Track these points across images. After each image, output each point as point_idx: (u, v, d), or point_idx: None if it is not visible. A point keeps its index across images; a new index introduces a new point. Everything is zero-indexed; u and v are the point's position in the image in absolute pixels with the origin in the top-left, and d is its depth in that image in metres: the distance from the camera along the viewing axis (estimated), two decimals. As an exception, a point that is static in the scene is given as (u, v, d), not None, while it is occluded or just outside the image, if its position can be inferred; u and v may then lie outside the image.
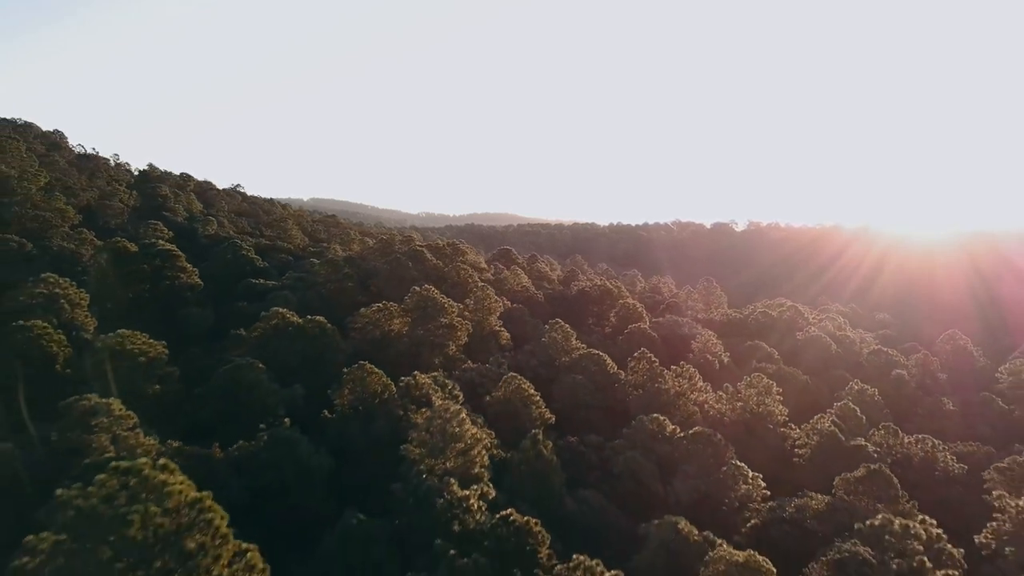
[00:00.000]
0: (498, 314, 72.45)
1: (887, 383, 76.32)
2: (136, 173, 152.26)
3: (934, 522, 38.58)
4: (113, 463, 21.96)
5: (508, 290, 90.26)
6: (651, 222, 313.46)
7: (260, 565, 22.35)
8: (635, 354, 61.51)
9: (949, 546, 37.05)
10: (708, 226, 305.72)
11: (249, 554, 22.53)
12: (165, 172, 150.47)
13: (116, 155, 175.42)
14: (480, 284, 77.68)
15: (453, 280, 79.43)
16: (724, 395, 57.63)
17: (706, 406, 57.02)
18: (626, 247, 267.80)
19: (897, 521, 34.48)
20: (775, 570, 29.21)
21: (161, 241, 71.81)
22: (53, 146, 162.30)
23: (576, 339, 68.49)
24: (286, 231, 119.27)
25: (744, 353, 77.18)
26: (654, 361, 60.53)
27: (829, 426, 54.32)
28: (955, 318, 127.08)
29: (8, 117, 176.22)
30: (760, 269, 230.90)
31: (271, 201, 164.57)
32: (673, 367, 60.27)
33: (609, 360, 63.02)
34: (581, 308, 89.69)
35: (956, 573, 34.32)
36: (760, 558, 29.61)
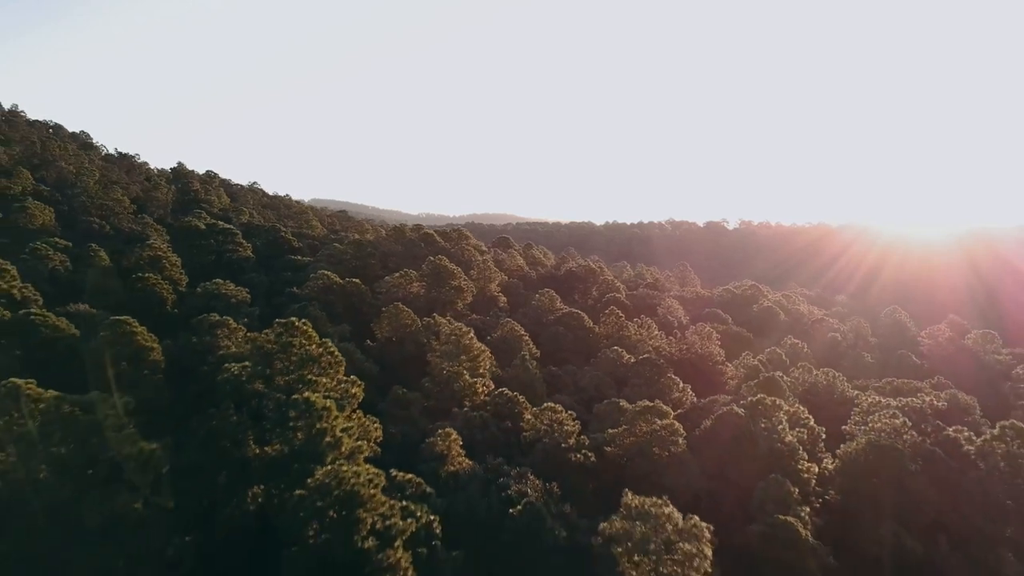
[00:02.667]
0: (497, 282, 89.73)
1: (823, 343, 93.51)
2: (158, 171, 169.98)
3: (804, 409, 55.89)
4: (275, 320, 39.30)
5: (506, 269, 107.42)
6: (646, 221, 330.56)
7: (359, 382, 39.49)
8: (606, 311, 78.70)
9: (813, 423, 54.26)
10: (701, 224, 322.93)
11: (352, 376, 39.78)
12: (191, 170, 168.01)
13: (138, 154, 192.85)
14: (482, 260, 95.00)
15: (459, 259, 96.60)
16: (674, 340, 74.84)
17: (660, 348, 74.10)
18: (620, 244, 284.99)
19: (769, 399, 51.53)
20: (672, 411, 46.33)
21: (221, 222, 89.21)
22: (85, 146, 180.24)
23: (560, 303, 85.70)
24: (308, 221, 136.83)
25: (702, 318, 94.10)
26: (621, 316, 77.78)
27: (754, 362, 71.53)
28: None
29: (41, 119, 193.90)
30: (757, 271, 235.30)
31: (288, 197, 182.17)
32: (635, 319, 77.52)
33: (586, 317, 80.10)
34: (569, 284, 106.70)
35: (805, 431, 51.54)
36: (664, 407, 46.74)
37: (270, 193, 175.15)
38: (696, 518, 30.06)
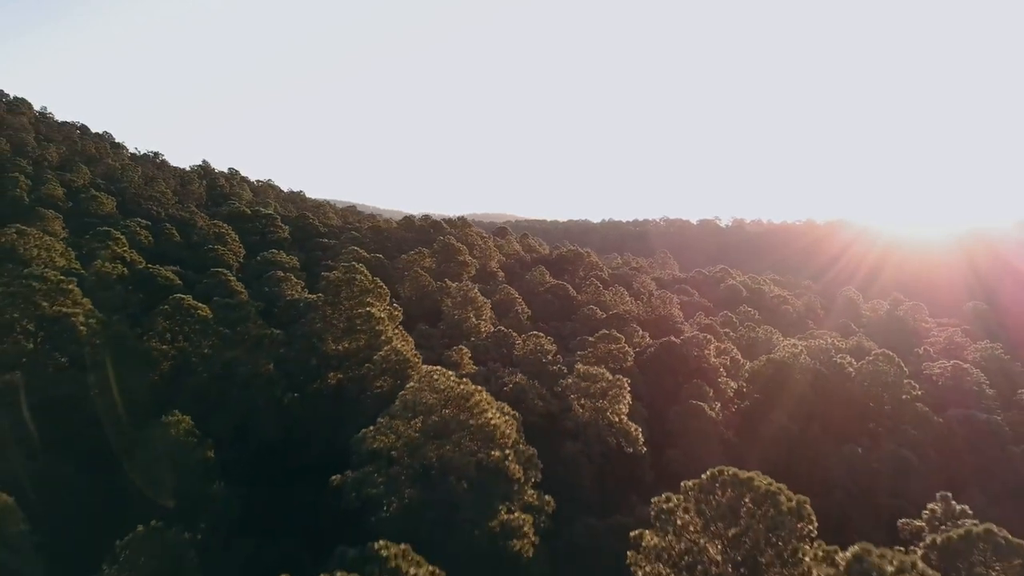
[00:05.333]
0: (496, 260, 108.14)
1: (776, 314, 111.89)
2: (188, 169, 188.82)
3: (734, 347, 74.23)
4: (341, 264, 57.59)
5: (504, 253, 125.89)
6: (641, 219, 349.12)
7: (399, 308, 57.72)
8: (587, 281, 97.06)
9: (738, 356, 72.58)
10: (695, 222, 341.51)
11: (394, 304, 58.05)
12: (215, 168, 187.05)
13: (158, 152, 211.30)
14: (483, 243, 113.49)
15: (463, 242, 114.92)
16: (641, 303, 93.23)
17: (629, 311, 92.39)
18: (616, 241, 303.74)
19: (702, 335, 69.83)
20: (623, 337, 64.56)
21: (261, 209, 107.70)
22: (114, 145, 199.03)
23: (550, 277, 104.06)
24: (325, 213, 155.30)
25: (673, 292, 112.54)
26: (599, 285, 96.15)
27: (707, 321, 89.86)
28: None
29: (70, 120, 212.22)
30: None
31: (302, 193, 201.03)
32: (610, 288, 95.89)
33: (571, 288, 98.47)
34: (559, 266, 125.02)
35: (728, 359, 69.82)
36: (617, 334, 64.92)
37: (290, 190, 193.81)
38: (621, 376, 48.38)
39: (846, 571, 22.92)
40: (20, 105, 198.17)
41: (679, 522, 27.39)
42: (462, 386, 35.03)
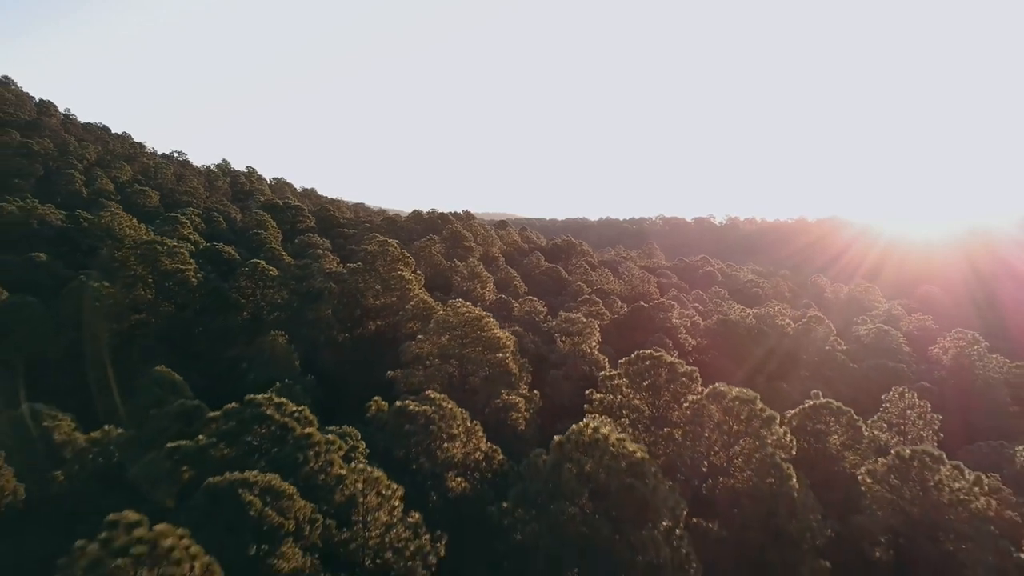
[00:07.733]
0: (497, 247, 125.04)
1: (747, 295, 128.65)
2: (213, 167, 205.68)
3: (696, 313, 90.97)
4: (370, 244, 74.43)
5: (505, 242, 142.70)
6: (638, 217, 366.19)
7: (420, 274, 74.52)
8: (577, 265, 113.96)
9: (698, 320, 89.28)
10: (690, 220, 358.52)
11: (418, 271, 74.83)
12: (235, 168, 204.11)
13: (180, 152, 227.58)
14: (485, 232, 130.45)
15: (468, 231, 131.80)
16: (623, 281, 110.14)
17: (612, 289, 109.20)
18: (612, 239, 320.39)
19: (668, 301, 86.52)
20: (600, 302, 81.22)
21: (290, 201, 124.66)
22: (137, 146, 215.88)
23: (545, 261, 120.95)
24: (339, 207, 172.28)
25: (655, 276, 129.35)
26: (587, 267, 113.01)
27: (679, 296, 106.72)
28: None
29: (91, 121, 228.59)
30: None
31: (314, 190, 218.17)
32: (597, 270, 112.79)
33: (563, 270, 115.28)
34: (554, 254, 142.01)
35: (689, 322, 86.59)
36: (596, 299, 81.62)
37: (304, 187, 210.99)
38: (592, 319, 65.10)
39: (705, 396, 39.70)
40: (48, 108, 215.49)
41: (615, 383, 44.23)
42: (476, 312, 51.78)
